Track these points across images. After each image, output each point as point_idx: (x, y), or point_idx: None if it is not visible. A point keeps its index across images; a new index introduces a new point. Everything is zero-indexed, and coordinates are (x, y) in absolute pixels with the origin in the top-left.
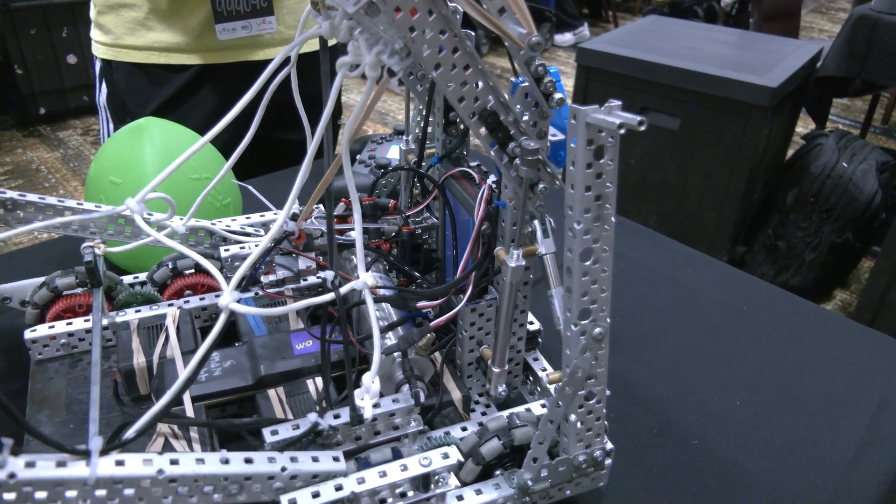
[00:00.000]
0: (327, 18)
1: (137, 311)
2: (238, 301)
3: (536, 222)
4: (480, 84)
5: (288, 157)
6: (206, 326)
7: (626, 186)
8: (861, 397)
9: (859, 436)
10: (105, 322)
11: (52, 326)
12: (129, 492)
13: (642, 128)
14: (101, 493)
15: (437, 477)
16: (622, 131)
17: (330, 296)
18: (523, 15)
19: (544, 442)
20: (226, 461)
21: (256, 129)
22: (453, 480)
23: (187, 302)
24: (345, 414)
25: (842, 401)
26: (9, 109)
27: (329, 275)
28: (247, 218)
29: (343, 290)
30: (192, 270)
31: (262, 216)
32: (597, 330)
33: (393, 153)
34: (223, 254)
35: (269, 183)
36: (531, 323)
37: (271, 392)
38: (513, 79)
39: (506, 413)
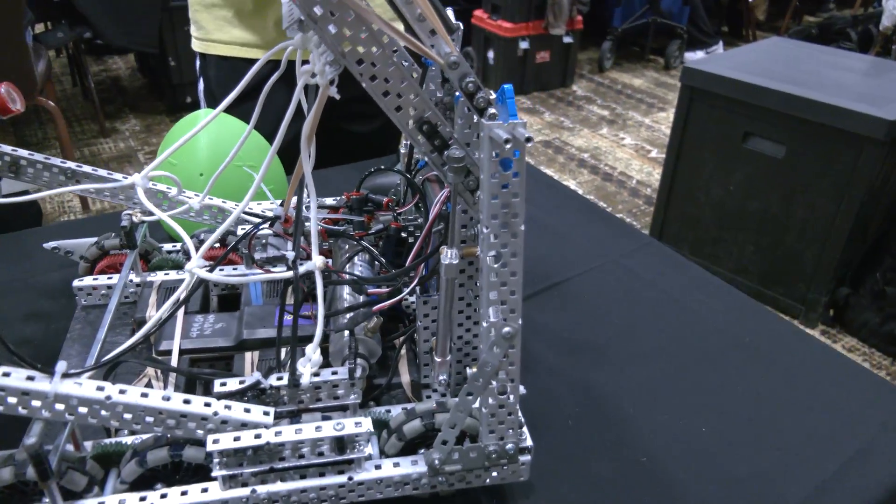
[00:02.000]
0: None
1: (166, 274)
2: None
3: (480, 226)
4: (415, 96)
5: (354, 150)
6: (223, 294)
7: (722, 214)
8: (839, 443)
9: (821, 480)
10: (137, 280)
11: (96, 279)
12: (82, 409)
13: (529, 144)
14: (59, 406)
15: (354, 444)
16: (529, 144)
17: (288, 273)
18: (443, 35)
19: (455, 427)
20: (167, 398)
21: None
22: (369, 449)
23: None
24: (286, 378)
25: (817, 443)
26: (162, 97)
27: (290, 255)
28: (270, 203)
29: (302, 269)
30: (219, 245)
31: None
32: (505, 329)
33: None
34: (239, 231)
35: (329, 175)
36: None
37: (248, 354)
38: (457, 92)
39: (438, 399)
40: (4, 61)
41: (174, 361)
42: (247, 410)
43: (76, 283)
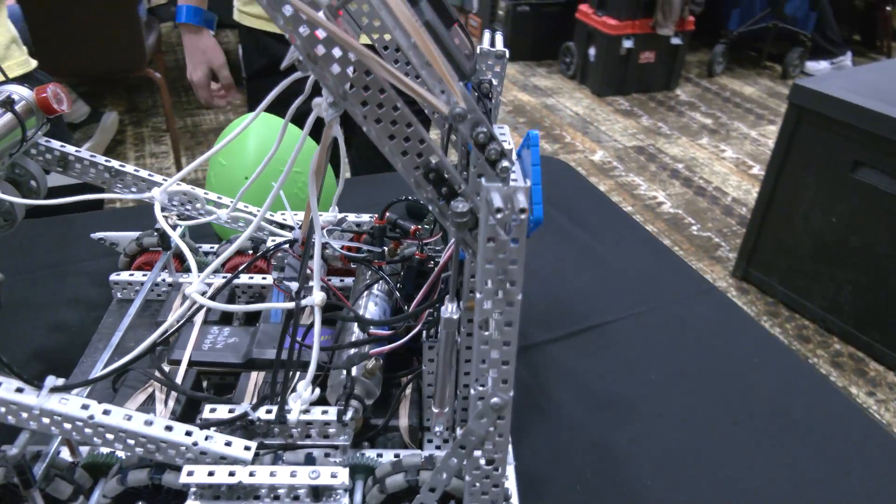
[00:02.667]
0: None
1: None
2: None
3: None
4: (421, 141)
5: None
6: (250, 301)
7: (821, 245)
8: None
9: None
10: (170, 280)
11: (132, 274)
12: (67, 426)
13: (523, 215)
14: (45, 420)
15: (331, 493)
16: (523, 216)
17: (289, 305)
18: (449, 85)
19: (434, 490)
20: (149, 423)
21: None
22: (346, 500)
23: (237, 277)
24: (275, 412)
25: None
26: None
27: (294, 286)
28: (295, 214)
29: (303, 302)
30: (251, 251)
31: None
32: (494, 400)
33: None
34: (269, 242)
35: (387, 180)
36: None
37: (254, 374)
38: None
39: (427, 453)
40: (115, 34)
41: (182, 372)
42: (227, 444)
43: (113, 276)
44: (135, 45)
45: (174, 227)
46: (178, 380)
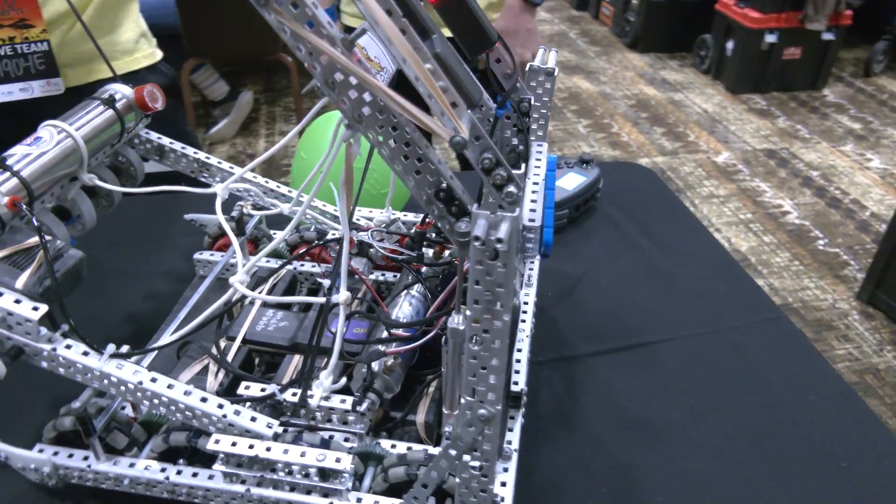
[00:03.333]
0: None
1: (267, 261)
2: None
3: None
4: (433, 164)
5: None
6: (312, 288)
7: None
8: None
9: None
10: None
11: (212, 254)
12: (121, 388)
13: (501, 246)
14: (104, 381)
15: (338, 475)
16: (500, 246)
17: (320, 299)
18: (451, 115)
19: (427, 487)
20: (188, 394)
21: None
22: (350, 483)
23: (302, 265)
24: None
25: None
26: None
27: (326, 283)
28: (370, 212)
29: (334, 298)
30: (317, 242)
31: (381, 213)
32: (481, 412)
33: (568, 181)
34: (330, 235)
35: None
36: (515, 384)
37: (296, 357)
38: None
39: (431, 448)
40: (254, 20)
41: (234, 348)
42: (253, 419)
43: (196, 255)
44: (271, 30)
45: (249, 216)
46: (231, 355)
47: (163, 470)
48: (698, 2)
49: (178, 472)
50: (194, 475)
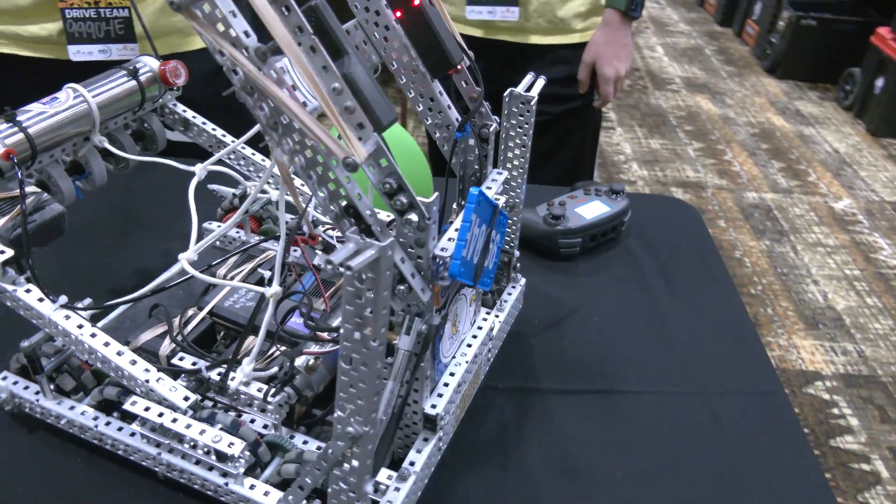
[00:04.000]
0: None
1: (263, 240)
2: None
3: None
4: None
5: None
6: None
7: None
8: None
9: None
10: (244, 238)
11: (219, 225)
12: (65, 338)
13: (347, 271)
14: (53, 329)
15: (236, 459)
16: (346, 272)
17: (259, 289)
18: (346, 136)
19: (303, 489)
20: (119, 354)
21: None
22: (242, 469)
23: (296, 251)
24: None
25: None
26: None
27: (266, 273)
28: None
29: (266, 290)
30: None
31: None
32: (349, 429)
33: (589, 209)
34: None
35: None
36: (433, 406)
37: (250, 337)
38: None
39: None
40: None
41: (198, 319)
42: (172, 389)
43: (205, 224)
44: None
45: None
46: (193, 324)
47: (95, 418)
48: (852, 30)
49: (107, 424)
50: (119, 429)
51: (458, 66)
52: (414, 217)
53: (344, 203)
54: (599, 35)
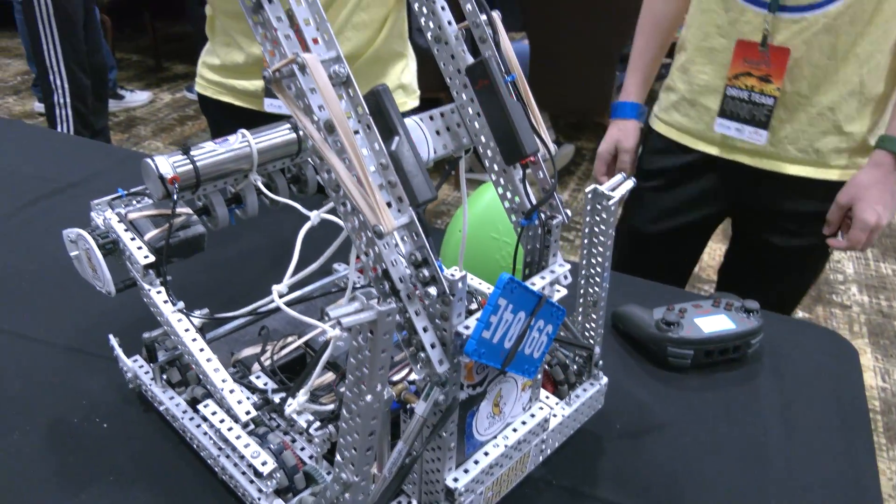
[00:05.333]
0: None
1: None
2: None
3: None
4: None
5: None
6: None
7: None
8: None
9: None
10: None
11: (346, 268)
12: (173, 336)
13: (337, 334)
14: (168, 327)
15: (271, 478)
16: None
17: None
18: (380, 211)
19: None
20: (208, 360)
21: None
22: (273, 489)
23: None
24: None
25: None
26: None
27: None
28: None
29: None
30: None
31: None
32: (342, 475)
33: (709, 323)
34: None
35: None
36: (455, 480)
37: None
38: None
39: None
40: (591, 83)
41: (294, 346)
42: (239, 402)
43: (336, 265)
44: (601, 97)
45: None
46: (287, 349)
47: (184, 412)
48: None
49: (191, 419)
50: (197, 426)
51: (532, 158)
52: (433, 291)
53: (382, 267)
54: (864, 176)
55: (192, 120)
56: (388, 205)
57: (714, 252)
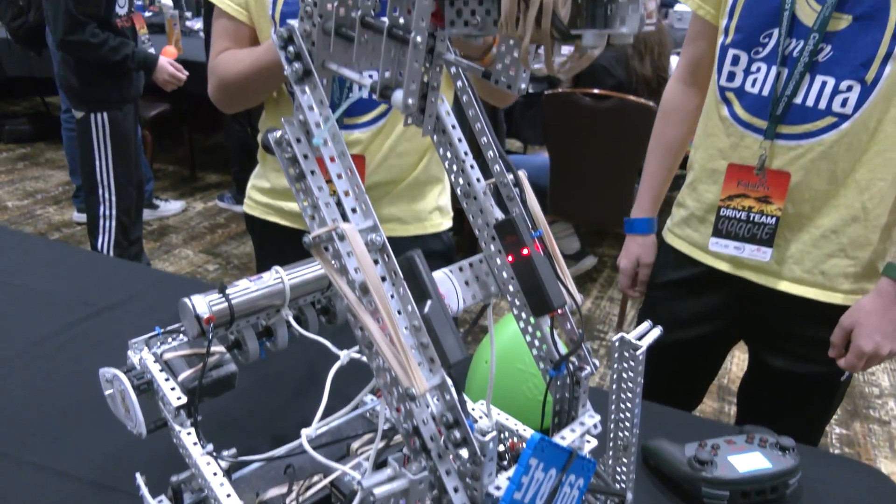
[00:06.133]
0: None
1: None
2: None
3: None
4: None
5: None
6: None
7: None
8: None
9: None
10: None
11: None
12: (199, 480)
13: (372, 498)
14: (196, 470)
15: None
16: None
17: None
18: (412, 372)
19: None
20: None
21: None
22: None
23: None
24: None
25: None
26: None
27: None
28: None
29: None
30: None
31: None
32: None
33: (744, 461)
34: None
35: None
36: None
37: None
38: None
39: None
40: (612, 195)
41: (319, 486)
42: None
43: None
44: (620, 210)
45: None
46: (312, 491)
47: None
48: None
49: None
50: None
51: (559, 310)
52: (465, 453)
53: (413, 424)
54: (867, 302)
55: (222, 228)
56: (420, 364)
57: (743, 364)
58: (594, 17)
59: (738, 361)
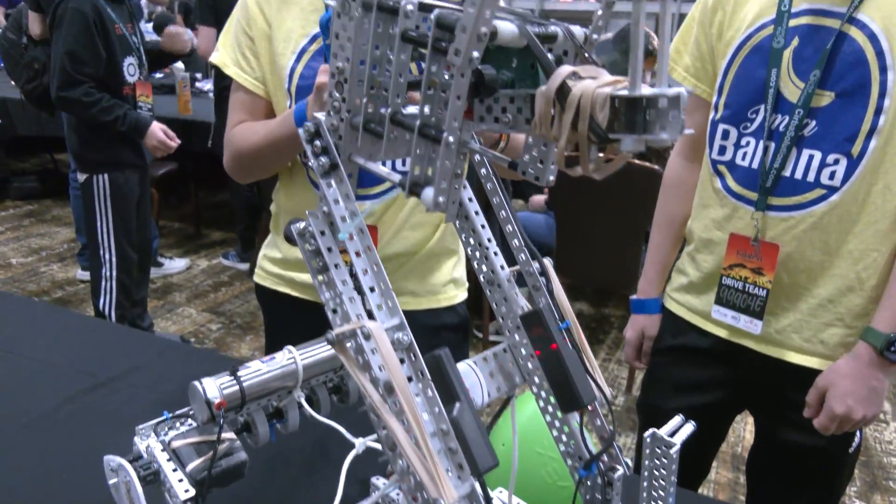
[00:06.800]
0: None
1: None
2: None
3: None
4: None
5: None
6: None
7: None
8: None
9: None
10: None
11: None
12: None
13: None
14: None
15: None
16: None
17: None
18: (440, 480)
19: None
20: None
21: None
22: None
23: None
24: None
25: None
26: None
27: None
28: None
29: None
30: None
31: None
32: None
33: None
34: None
35: None
36: None
37: None
38: None
39: None
40: (618, 256)
41: None
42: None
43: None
44: (626, 271)
45: None
46: None
47: None
48: None
49: None
50: None
51: (590, 407)
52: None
53: None
54: (843, 364)
55: (225, 286)
56: (447, 471)
57: None
58: (634, 123)
59: (751, 429)
